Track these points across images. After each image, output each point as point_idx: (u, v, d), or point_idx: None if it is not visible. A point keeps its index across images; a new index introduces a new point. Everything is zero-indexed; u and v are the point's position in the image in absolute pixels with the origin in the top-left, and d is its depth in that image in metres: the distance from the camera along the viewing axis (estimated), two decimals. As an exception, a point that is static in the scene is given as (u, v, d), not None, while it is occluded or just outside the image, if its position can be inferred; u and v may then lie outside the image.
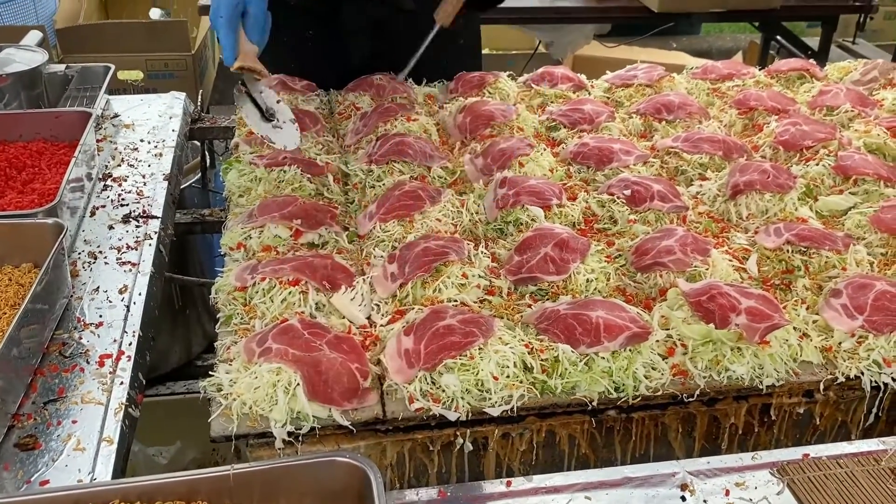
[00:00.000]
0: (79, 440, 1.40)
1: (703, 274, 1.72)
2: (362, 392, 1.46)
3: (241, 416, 1.40)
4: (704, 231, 1.94)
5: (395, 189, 1.98)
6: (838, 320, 1.63)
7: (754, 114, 2.47)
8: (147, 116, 2.57)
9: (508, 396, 1.45)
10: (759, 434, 1.61)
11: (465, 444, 1.48)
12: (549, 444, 1.52)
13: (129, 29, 4.34)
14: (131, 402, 1.51)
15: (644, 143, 2.36)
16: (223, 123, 2.66)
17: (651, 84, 2.63)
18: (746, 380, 1.53)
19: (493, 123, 2.32)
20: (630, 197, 1.98)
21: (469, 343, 1.48)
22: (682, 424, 1.56)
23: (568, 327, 1.54)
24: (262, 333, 1.51)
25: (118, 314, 1.71)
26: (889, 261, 1.85)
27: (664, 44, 6.72)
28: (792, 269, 1.80)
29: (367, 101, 2.50)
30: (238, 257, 1.81)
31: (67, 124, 2.22)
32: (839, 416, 1.62)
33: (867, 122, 2.40)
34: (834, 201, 2.05)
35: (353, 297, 1.67)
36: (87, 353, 1.60)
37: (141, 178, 2.22)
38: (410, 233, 1.86)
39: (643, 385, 1.49)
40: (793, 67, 2.79)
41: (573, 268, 1.73)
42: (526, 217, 1.93)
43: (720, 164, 2.18)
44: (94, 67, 2.66)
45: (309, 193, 2.02)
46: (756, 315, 1.55)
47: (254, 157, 2.13)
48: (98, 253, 1.91)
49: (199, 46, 4.51)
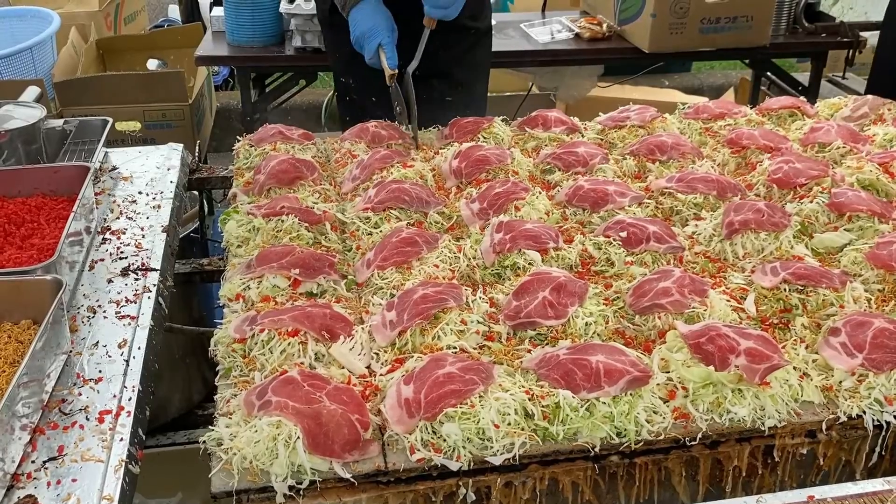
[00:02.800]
0: (78, 499, 1.39)
1: (702, 315, 1.72)
2: (363, 443, 1.46)
3: (242, 471, 1.39)
4: (701, 271, 1.95)
5: (392, 236, 1.99)
6: (838, 359, 1.64)
7: (747, 152, 2.49)
8: (145, 168, 2.59)
9: (510, 444, 1.45)
10: (763, 476, 1.60)
11: (467, 493, 1.47)
12: (553, 491, 1.51)
13: (127, 80, 4.37)
14: (131, 459, 1.50)
15: (638, 184, 2.38)
16: (221, 173, 2.68)
17: (644, 125, 2.65)
18: (748, 421, 1.53)
19: (488, 168, 2.34)
20: (626, 239, 1.99)
21: (469, 391, 1.48)
22: (685, 468, 1.55)
23: (568, 372, 1.54)
24: (262, 386, 1.51)
25: (118, 369, 1.71)
26: (886, 297, 1.86)
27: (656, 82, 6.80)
28: (790, 307, 1.80)
29: (362, 148, 2.52)
30: (237, 308, 1.81)
31: (66, 179, 2.23)
32: (843, 455, 1.61)
33: (859, 159, 2.42)
34: (829, 238, 2.06)
35: (352, 347, 1.67)
36: (87, 409, 1.59)
37: (139, 231, 2.23)
38: (408, 279, 1.87)
39: (645, 429, 1.49)
40: (784, 105, 2.82)
41: (571, 311, 1.74)
42: (523, 261, 1.93)
43: (715, 204, 2.20)
44: (92, 121, 2.68)
45: (307, 242, 2.03)
46: (755, 356, 1.56)
47: (251, 206, 2.14)
48: (97, 307, 1.91)
49: (197, 96, 4.55)
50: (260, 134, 2.56)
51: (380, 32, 2.51)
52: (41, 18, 4.80)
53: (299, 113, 6.26)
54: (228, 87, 6.56)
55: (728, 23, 4.20)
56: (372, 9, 2.57)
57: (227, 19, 4.38)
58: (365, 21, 2.55)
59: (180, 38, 5.15)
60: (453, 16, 2.51)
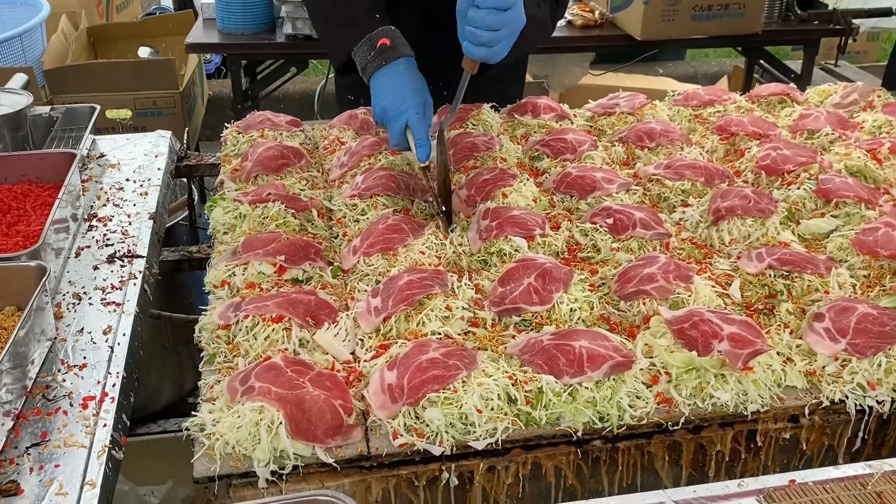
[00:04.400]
0: (61, 484, 1.39)
1: (686, 301, 1.72)
2: (346, 429, 1.46)
3: (224, 456, 1.40)
4: (687, 257, 1.95)
5: (378, 223, 1.99)
6: (821, 344, 1.64)
7: (736, 139, 2.49)
8: (133, 156, 2.58)
9: (493, 429, 1.45)
10: (747, 460, 1.60)
11: (450, 478, 1.47)
12: (536, 476, 1.52)
13: (117, 68, 4.36)
14: (115, 445, 1.50)
15: (627, 170, 2.38)
16: (209, 160, 2.67)
17: (633, 112, 2.65)
18: (731, 406, 1.53)
19: (476, 155, 2.33)
20: (612, 225, 1.99)
21: (452, 376, 1.48)
22: (668, 453, 1.55)
23: (551, 358, 1.54)
24: (245, 372, 1.51)
25: (102, 355, 1.71)
26: (871, 283, 1.86)
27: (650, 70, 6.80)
28: (775, 293, 1.80)
29: (350, 135, 2.51)
30: (222, 295, 1.81)
31: (52, 166, 2.23)
32: (825, 440, 1.62)
33: (847, 145, 2.42)
34: (816, 225, 2.07)
35: (337, 333, 1.67)
36: (71, 395, 1.60)
37: (126, 218, 2.23)
38: (394, 266, 1.87)
39: (627, 414, 1.49)
40: (773, 92, 2.82)
41: (556, 297, 1.74)
42: (509, 248, 1.93)
43: (702, 191, 2.20)
44: (80, 108, 2.67)
45: (293, 229, 2.03)
46: (738, 341, 1.56)
47: (238, 193, 2.13)
48: (83, 294, 1.91)
49: (188, 84, 4.54)
50: (248, 121, 2.55)
51: (407, 108, 2.02)
52: (31, 6, 4.77)
53: (292, 101, 6.25)
54: (221, 76, 6.54)
55: (720, 10, 4.19)
56: (398, 75, 2.08)
57: (217, 6, 4.36)
58: (388, 93, 2.06)
59: (172, 25, 5.13)
60: (499, 57, 1.91)
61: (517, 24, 1.88)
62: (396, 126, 2.03)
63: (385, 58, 2.09)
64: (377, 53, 2.10)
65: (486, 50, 1.88)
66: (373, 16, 2.18)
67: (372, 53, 2.10)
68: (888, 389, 1.57)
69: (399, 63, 2.09)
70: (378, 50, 2.10)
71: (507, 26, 1.86)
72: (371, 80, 2.11)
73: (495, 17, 1.83)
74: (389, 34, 2.13)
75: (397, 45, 2.12)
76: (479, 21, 1.84)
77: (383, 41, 2.10)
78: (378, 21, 2.17)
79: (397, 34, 2.14)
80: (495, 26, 1.84)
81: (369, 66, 2.11)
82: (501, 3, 1.83)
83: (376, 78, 2.10)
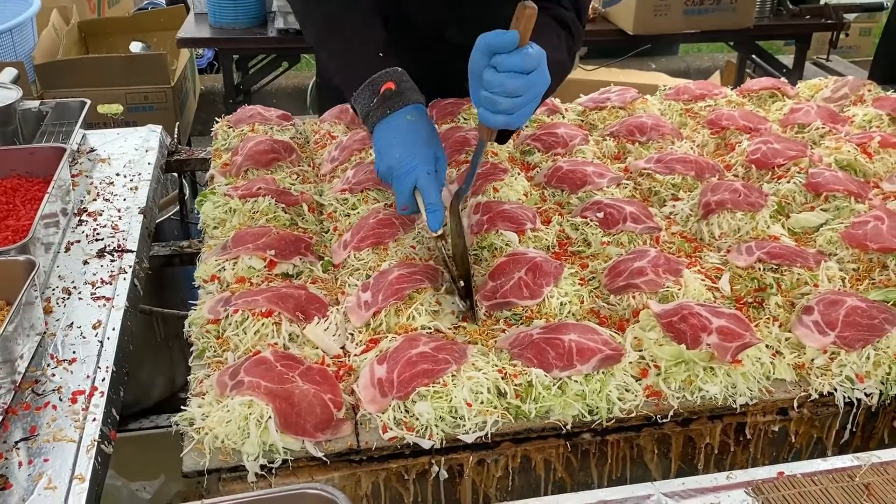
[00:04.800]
0: (50, 479, 1.39)
1: (676, 294, 1.73)
2: (336, 423, 1.46)
3: (214, 451, 1.39)
4: (677, 251, 1.95)
5: (369, 217, 1.99)
6: (810, 337, 1.64)
7: (726, 133, 2.49)
8: (123, 150, 2.57)
9: (482, 423, 1.45)
10: (736, 453, 1.61)
11: (440, 471, 1.47)
12: (525, 469, 1.52)
13: (109, 63, 4.35)
14: (104, 439, 1.50)
15: (618, 164, 2.38)
16: (200, 155, 2.66)
17: (624, 106, 2.65)
18: (720, 399, 1.53)
19: (466, 149, 2.33)
20: (603, 219, 1.99)
21: (442, 370, 1.48)
22: (657, 446, 1.56)
23: (541, 351, 1.55)
24: (235, 366, 1.51)
25: (92, 350, 1.71)
26: (861, 276, 1.87)
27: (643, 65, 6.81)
28: (764, 286, 1.81)
29: (341, 130, 2.51)
30: (212, 289, 1.81)
31: (42, 160, 2.22)
32: (814, 432, 1.62)
33: (837, 139, 2.42)
34: (805, 218, 2.07)
35: (327, 328, 1.67)
36: (60, 389, 1.59)
37: (116, 213, 2.22)
38: (385, 260, 1.87)
39: (617, 407, 1.50)
40: (764, 86, 2.83)
41: (546, 291, 1.74)
42: (500, 242, 1.93)
43: (693, 185, 2.20)
44: (70, 103, 2.66)
45: (284, 224, 2.02)
46: (727, 334, 1.56)
47: (228, 188, 2.13)
48: (72, 288, 1.91)
49: (179, 78, 4.53)
50: (238, 115, 2.55)
51: (416, 166, 1.74)
52: (22, 1, 4.76)
53: (284, 96, 6.24)
54: (214, 70, 6.53)
55: (712, 5, 4.20)
56: (406, 126, 1.80)
57: (209, 1, 4.35)
58: (395, 148, 1.78)
59: (164, 20, 5.13)
60: (521, 124, 1.71)
61: (541, 87, 1.66)
62: (405, 187, 1.76)
63: (390, 105, 1.81)
64: (381, 100, 1.82)
65: (505, 118, 1.64)
66: (376, 54, 1.91)
67: (375, 100, 1.82)
68: (876, 382, 1.58)
69: (406, 111, 1.81)
70: (382, 96, 1.82)
71: (531, 90, 1.63)
72: (374, 132, 1.85)
73: (517, 82, 1.60)
74: (395, 77, 1.84)
75: (404, 89, 1.84)
76: (498, 86, 1.60)
77: (388, 86, 1.82)
78: (381, 61, 1.88)
79: (404, 77, 1.86)
80: (517, 92, 1.61)
81: (372, 114, 1.83)
82: (523, 64, 1.59)
83: (380, 129, 1.82)
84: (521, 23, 1.57)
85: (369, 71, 1.86)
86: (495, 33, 1.60)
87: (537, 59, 1.62)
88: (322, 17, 2.01)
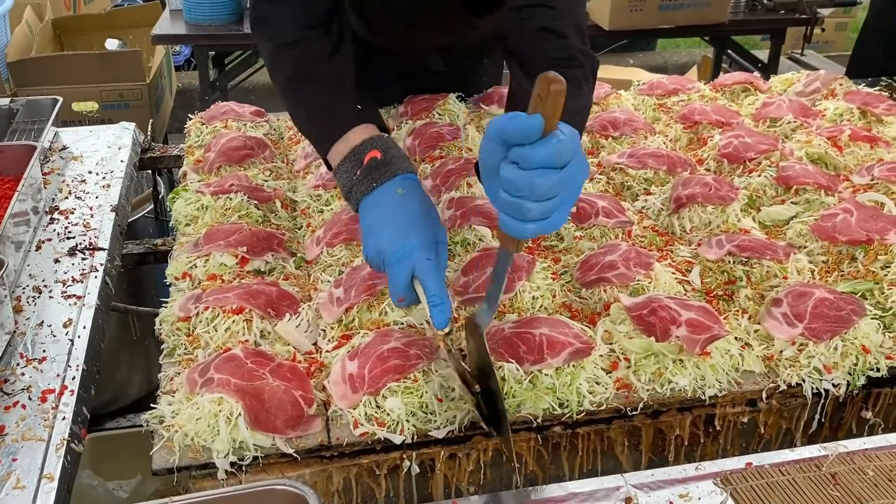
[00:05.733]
0: (18, 478, 1.38)
1: (646, 287, 1.74)
2: (307, 419, 1.46)
3: (183, 448, 1.39)
4: (649, 245, 1.96)
5: (342, 213, 1.99)
6: (779, 329, 1.66)
7: (699, 128, 2.51)
8: (96, 148, 2.56)
9: (453, 417, 1.46)
10: (706, 444, 1.62)
11: (411, 466, 1.47)
12: (497, 463, 1.52)
13: (83, 60, 4.32)
14: (74, 438, 1.49)
15: (591, 159, 2.39)
16: (174, 152, 2.65)
17: (598, 101, 2.66)
18: (689, 391, 1.55)
19: (441, 145, 2.33)
20: (575, 214, 2.00)
21: (413, 366, 1.49)
22: (627, 438, 1.57)
23: (512, 345, 1.55)
24: (205, 363, 1.51)
25: (62, 348, 1.70)
26: (830, 268, 1.89)
27: (621, 60, 6.84)
28: (734, 279, 1.82)
29: (316, 127, 2.50)
30: (183, 287, 1.80)
31: (12, 158, 2.20)
32: (783, 423, 1.64)
33: (809, 133, 2.44)
34: (776, 211, 2.09)
35: (299, 324, 1.67)
36: (30, 388, 1.58)
37: (88, 211, 2.21)
38: (358, 256, 1.87)
39: (587, 400, 1.51)
40: (737, 81, 2.85)
41: (518, 286, 1.74)
42: (473, 237, 1.94)
43: (665, 179, 2.21)
44: (42, 101, 2.64)
45: (256, 220, 2.02)
46: (696, 327, 1.58)
47: (201, 185, 2.12)
48: (43, 287, 1.89)
49: (155, 75, 4.50)
50: (211, 112, 2.54)
51: (412, 250, 1.44)
52: (-6, -3, 4.71)
53: (262, 92, 6.20)
54: (191, 67, 6.49)
55: (687, 0, 4.21)
56: (397, 202, 1.50)
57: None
58: (384, 229, 1.48)
59: (139, 16, 5.09)
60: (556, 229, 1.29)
61: (580, 180, 1.27)
62: (400, 275, 1.45)
63: (376, 178, 1.53)
64: (365, 172, 1.54)
65: (536, 226, 1.25)
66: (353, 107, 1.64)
67: (358, 172, 1.55)
68: (844, 373, 1.60)
69: (395, 183, 1.52)
70: (366, 167, 1.54)
71: (567, 188, 1.25)
72: (359, 209, 1.56)
73: (548, 181, 1.21)
74: (381, 145, 1.57)
75: (392, 157, 1.55)
76: (526, 189, 1.21)
77: (372, 154, 1.55)
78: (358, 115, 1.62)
79: (390, 143, 1.59)
80: (549, 193, 1.22)
81: (356, 189, 1.55)
82: (555, 158, 1.20)
83: (365, 206, 1.54)
84: (547, 103, 1.16)
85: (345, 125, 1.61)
86: (511, 118, 1.19)
87: (571, 147, 1.22)
88: (294, 61, 1.72)
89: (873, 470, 1.42)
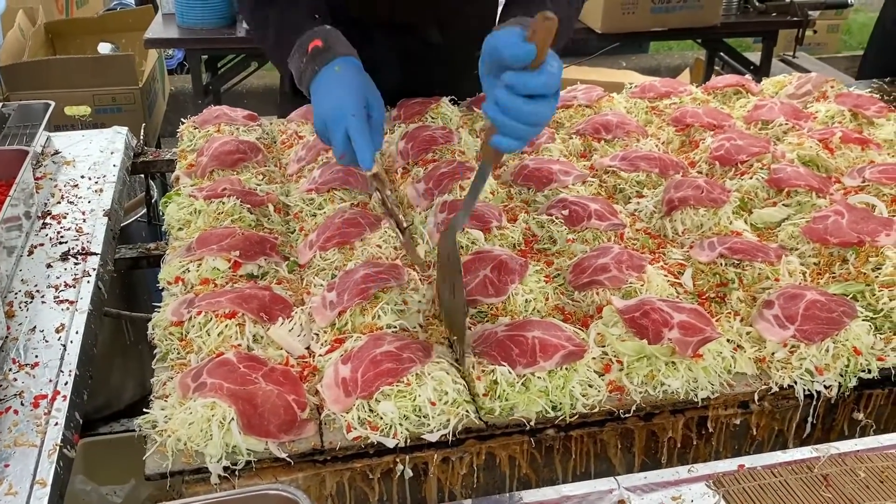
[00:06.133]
0: (11, 484, 1.38)
1: (639, 290, 1.74)
2: (300, 423, 1.46)
3: (176, 453, 1.39)
4: (641, 248, 1.97)
5: (335, 217, 1.99)
6: (771, 331, 1.66)
7: (691, 130, 2.51)
8: (88, 152, 2.55)
9: (446, 421, 1.46)
10: (698, 447, 1.62)
11: (405, 470, 1.48)
12: (490, 466, 1.53)
13: (75, 64, 4.31)
14: (66, 443, 1.49)
15: (584, 162, 2.40)
16: (166, 156, 2.65)
17: (590, 104, 2.66)
18: (682, 393, 1.55)
19: (434, 148, 2.34)
20: (568, 217, 2.01)
21: (406, 369, 1.49)
22: (620, 440, 1.57)
23: (505, 349, 1.55)
24: (198, 368, 1.51)
25: (55, 354, 1.69)
26: (821, 270, 1.90)
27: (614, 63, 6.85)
28: (726, 281, 1.83)
29: (309, 130, 2.50)
30: (176, 291, 1.80)
31: (4, 163, 2.20)
32: (775, 425, 1.64)
33: (800, 135, 2.45)
34: (768, 213, 2.10)
35: (292, 328, 1.67)
36: (22, 394, 1.58)
37: (80, 215, 2.20)
38: (351, 260, 1.87)
39: (580, 403, 1.51)
40: (729, 83, 2.85)
41: (511, 289, 1.75)
42: (466, 240, 1.94)
43: (657, 182, 2.22)
44: (34, 105, 2.64)
45: (249, 224, 2.02)
46: (688, 329, 1.58)
47: (193, 189, 2.12)
48: (35, 292, 1.89)
49: (148, 79, 4.49)
50: (204, 116, 2.53)
51: (346, 113, 1.67)
52: (-14, 1, 4.70)
53: (255, 96, 6.21)
54: (184, 71, 6.48)
55: (679, 3, 4.24)
56: (333, 78, 1.75)
57: (177, 1, 4.32)
58: (324, 100, 1.74)
59: (132, 21, 5.08)
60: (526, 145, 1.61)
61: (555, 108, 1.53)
62: (337, 136, 1.69)
63: (318, 62, 1.78)
64: (310, 59, 1.79)
65: (520, 144, 1.51)
66: (309, 19, 1.88)
67: (304, 60, 1.80)
68: (835, 374, 1.60)
69: (334, 64, 1.77)
70: (310, 55, 1.79)
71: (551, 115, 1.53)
72: (310, 92, 1.81)
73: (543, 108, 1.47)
74: (323, 35, 1.82)
75: (332, 44, 1.81)
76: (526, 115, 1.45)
77: (315, 44, 1.80)
78: (313, 23, 1.87)
79: (333, 34, 1.84)
80: (541, 120, 1.49)
81: (304, 76, 1.81)
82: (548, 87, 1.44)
83: (313, 88, 1.79)
84: (540, 35, 1.36)
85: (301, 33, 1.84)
86: (506, 38, 1.41)
87: (559, 78, 1.46)
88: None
89: (865, 471, 1.42)
